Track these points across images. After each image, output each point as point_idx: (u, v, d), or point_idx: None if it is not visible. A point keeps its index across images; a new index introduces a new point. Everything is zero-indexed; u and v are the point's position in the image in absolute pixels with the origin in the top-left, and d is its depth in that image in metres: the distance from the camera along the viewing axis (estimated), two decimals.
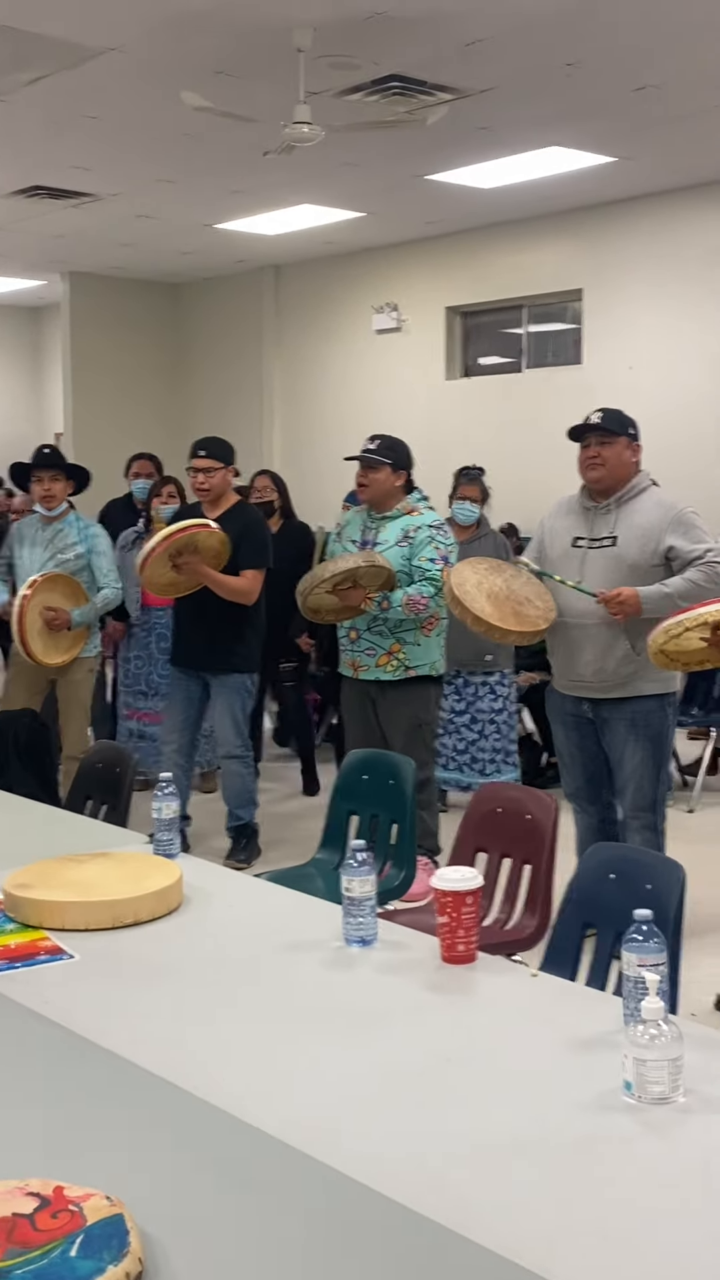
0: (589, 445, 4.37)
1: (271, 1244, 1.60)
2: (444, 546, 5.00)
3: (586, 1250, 1.58)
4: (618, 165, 8.78)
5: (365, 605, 4.93)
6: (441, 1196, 1.69)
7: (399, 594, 4.92)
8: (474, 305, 11.25)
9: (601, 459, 4.34)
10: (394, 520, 5.07)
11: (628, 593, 4.22)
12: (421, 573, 4.95)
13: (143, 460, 7.37)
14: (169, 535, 5.23)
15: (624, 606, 4.21)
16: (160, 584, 5.41)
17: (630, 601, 4.21)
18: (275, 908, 2.96)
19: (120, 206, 9.98)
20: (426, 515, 5.09)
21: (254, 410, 12.76)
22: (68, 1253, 1.48)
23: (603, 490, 4.38)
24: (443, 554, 4.97)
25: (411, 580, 4.96)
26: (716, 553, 4.29)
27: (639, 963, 2.09)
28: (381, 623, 5.00)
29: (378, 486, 5.06)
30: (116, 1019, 2.29)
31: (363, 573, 4.88)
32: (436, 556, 4.95)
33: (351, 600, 4.94)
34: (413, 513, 5.08)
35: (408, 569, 4.97)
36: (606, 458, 4.34)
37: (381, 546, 5.03)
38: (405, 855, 3.88)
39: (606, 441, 4.34)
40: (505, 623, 4.32)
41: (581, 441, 4.40)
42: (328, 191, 9.55)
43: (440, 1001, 2.40)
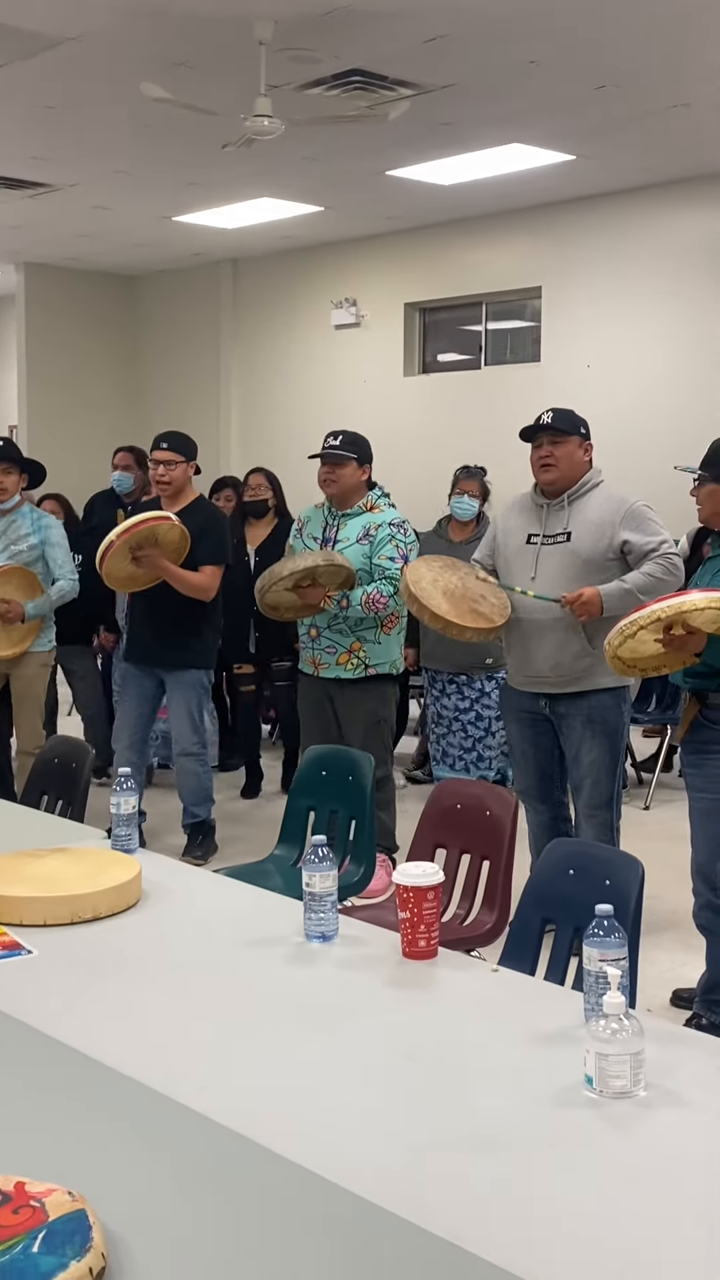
0: (541, 445, 4.39)
1: (234, 1238, 1.59)
2: (404, 545, 5.00)
3: (548, 1243, 1.58)
4: (578, 163, 8.81)
5: (325, 604, 4.92)
6: (403, 1191, 1.69)
7: (358, 593, 4.91)
8: (434, 301, 11.26)
9: (554, 459, 4.36)
10: (355, 517, 5.06)
11: (589, 593, 4.24)
12: (381, 571, 4.94)
13: (123, 453, 7.29)
14: (129, 527, 5.20)
15: (587, 607, 4.23)
16: (119, 577, 5.38)
17: (593, 601, 4.23)
18: (235, 903, 2.95)
19: (77, 197, 9.91)
20: (387, 513, 5.08)
21: (211, 404, 12.72)
22: (30, 1248, 1.47)
23: (555, 489, 4.41)
24: (403, 553, 4.97)
25: (372, 578, 4.95)
26: (670, 544, 4.34)
27: (600, 958, 2.10)
28: (342, 621, 4.99)
29: (344, 482, 5.04)
30: (76, 1014, 2.27)
31: (321, 571, 4.87)
32: (396, 555, 4.95)
33: (311, 598, 4.93)
34: (374, 509, 5.07)
35: (368, 567, 4.97)
36: (559, 457, 4.36)
37: (342, 544, 5.02)
38: (364, 851, 3.88)
39: (558, 441, 4.36)
40: (463, 619, 4.33)
41: (533, 442, 4.41)
42: (287, 185, 9.53)
43: (402, 997, 2.40)
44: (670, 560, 4.28)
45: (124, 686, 5.73)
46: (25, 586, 5.65)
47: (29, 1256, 1.46)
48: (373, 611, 4.91)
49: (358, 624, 4.99)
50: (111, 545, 5.18)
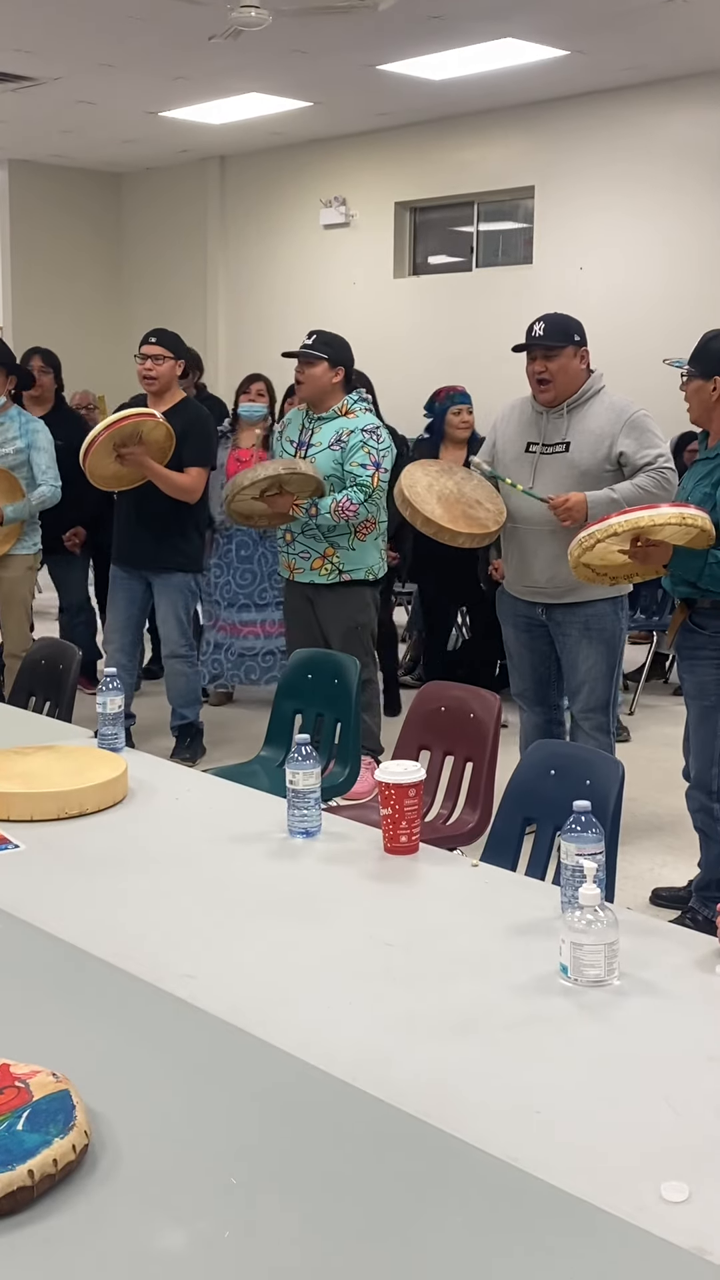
0: (535, 360, 4.31)
1: (215, 1119, 1.64)
2: (376, 451, 4.93)
3: (522, 1124, 1.63)
4: (572, 59, 8.63)
5: (294, 512, 4.90)
6: (381, 1073, 1.73)
7: (327, 500, 4.87)
8: (424, 201, 11.08)
9: (549, 374, 4.27)
10: (329, 421, 4.99)
11: (575, 498, 4.21)
12: (352, 478, 4.89)
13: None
14: (112, 423, 5.15)
15: (571, 512, 4.21)
16: (104, 475, 5.34)
17: (578, 507, 4.21)
18: (220, 801, 2.98)
19: (61, 91, 9.69)
20: (361, 418, 5.01)
21: (198, 304, 12.56)
22: (14, 1126, 1.51)
23: (555, 403, 4.35)
24: (374, 459, 4.91)
25: (344, 484, 4.92)
26: (667, 458, 4.28)
27: (578, 852, 2.13)
28: (315, 527, 4.97)
29: (313, 383, 4.97)
30: (62, 906, 2.31)
31: (287, 479, 4.83)
32: (368, 462, 4.90)
33: (279, 507, 4.90)
34: (349, 415, 5.00)
35: (339, 473, 4.92)
36: (554, 372, 4.27)
37: (315, 448, 4.97)
38: (349, 753, 3.92)
39: (552, 354, 4.28)
40: (455, 524, 4.32)
41: (527, 355, 4.34)
42: (275, 80, 9.33)
43: (382, 890, 2.44)
44: (664, 474, 4.23)
45: (112, 589, 5.73)
46: (6, 490, 5.62)
47: (13, 1134, 1.50)
48: (343, 519, 4.87)
49: (330, 530, 4.97)
50: (95, 440, 5.13)
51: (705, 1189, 1.49)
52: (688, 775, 3.99)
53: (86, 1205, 1.46)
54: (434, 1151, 1.57)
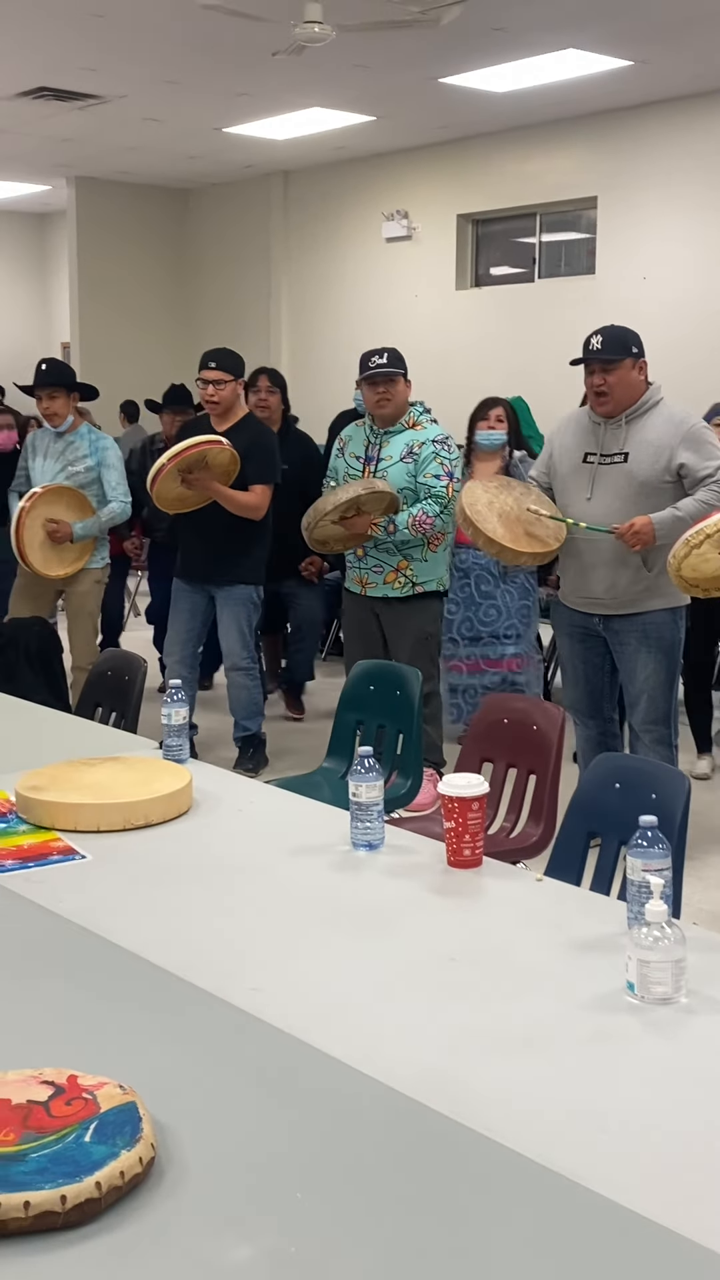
0: (594, 373, 4.30)
1: (279, 1132, 1.64)
2: (449, 462, 4.95)
3: (588, 1141, 1.62)
4: (635, 69, 8.59)
5: (372, 531, 4.91)
6: (445, 1088, 1.73)
7: (404, 516, 4.89)
8: (486, 213, 11.07)
9: (607, 387, 4.26)
10: (398, 435, 5.01)
11: (641, 522, 4.19)
12: (427, 490, 4.91)
13: None
14: (178, 452, 5.22)
15: (639, 537, 4.19)
16: (169, 499, 5.41)
17: (645, 531, 4.18)
18: (283, 813, 2.99)
19: (127, 109, 9.80)
20: (430, 429, 5.03)
21: (262, 318, 12.63)
22: (82, 1138, 1.52)
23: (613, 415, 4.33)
24: (448, 470, 4.93)
25: (417, 497, 4.93)
26: None
27: (644, 867, 2.11)
28: (388, 541, 4.98)
29: (397, 400, 4.99)
30: (128, 917, 2.32)
31: (365, 499, 4.85)
32: (441, 473, 4.91)
33: (357, 528, 4.91)
34: (416, 426, 5.02)
35: (412, 485, 4.93)
36: (612, 385, 4.26)
37: (385, 462, 4.98)
38: (411, 764, 3.91)
39: (610, 367, 4.26)
40: (517, 544, 4.31)
41: (585, 367, 4.33)
42: (338, 94, 9.37)
43: (445, 903, 2.43)
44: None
45: (175, 602, 5.77)
46: (76, 507, 5.69)
47: (81, 1145, 1.51)
48: (420, 533, 4.89)
49: (404, 543, 4.98)
50: (162, 469, 5.21)
51: None
52: None
53: (153, 1218, 1.47)
54: (502, 1169, 1.57)
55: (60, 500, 5.66)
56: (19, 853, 2.62)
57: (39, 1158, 1.49)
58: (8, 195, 13.78)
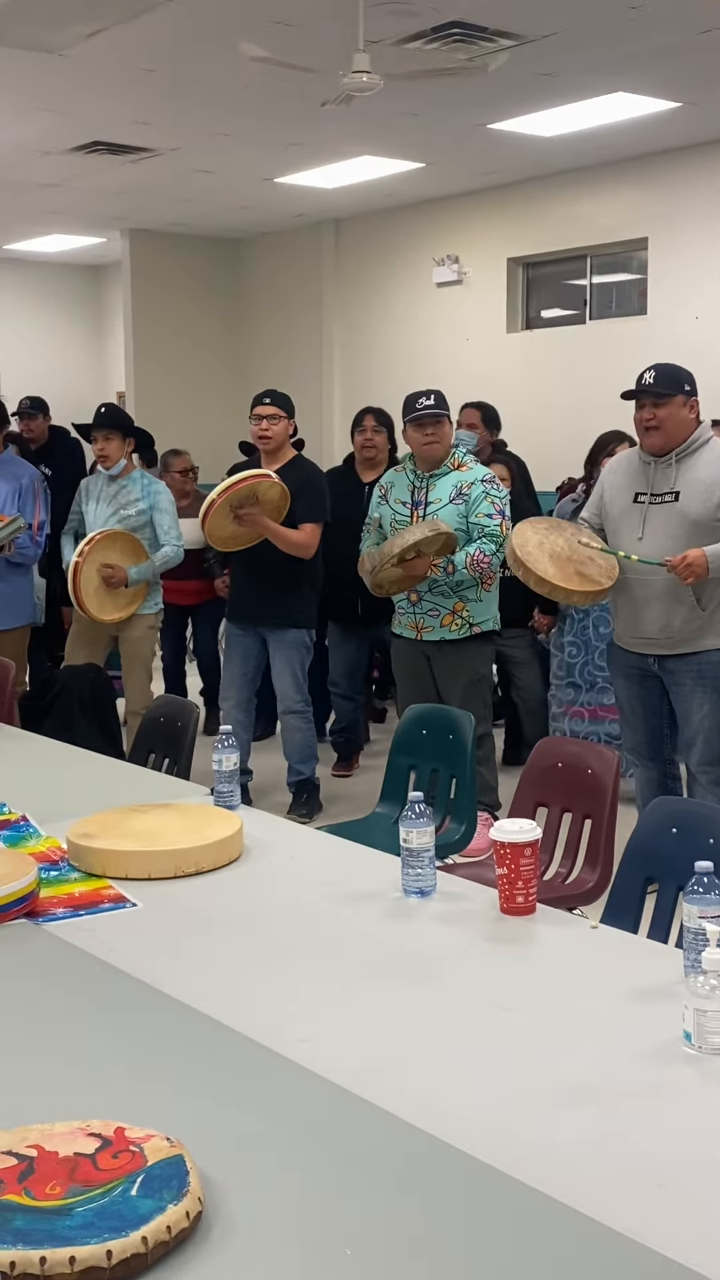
0: (644, 407, 4.28)
1: (330, 1187, 1.61)
2: (499, 500, 4.95)
3: (645, 1196, 1.58)
4: (683, 110, 8.60)
5: (431, 572, 4.90)
6: (499, 1142, 1.70)
7: (461, 555, 4.88)
8: (536, 256, 11.10)
9: (658, 421, 4.25)
10: (444, 477, 5.01)
11: (694, 554, 4.16)
12: (480, 529, 4.90)
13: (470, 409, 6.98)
14: (229, 486, 5.23)
15: (692, 568, 4.15)
16: (222, 536, 5.42)
17: (698, 563, 4.15)
18: (335, 859, 2.97)
19: (179, 161, 9.93)
20: (476, 469, 5.03)
21: (314, 365, 12.71)
22: (129, 1191, 1.50)
23: (662, 451, 4.32)
24: (499, 508, 4.93)
25: (470, 538, 4.92)
26: None
27: (700, 914, 2.08)
28: (443, 583, 4.96)
29: (445, 440, 5.00)
30: (179, 965, 2.31)
31: (427, 541, 4.85)
32: (493, 512, 4.91)
33: (417, 570, 4.90)
34: (462, 468, 5.02)
35: (464, 526, 4.93)
36: (662, 419, 4.25)
37: (434, 505, 4.98)
38: (465, 809, 3.88)
39: (661, 403, 4.25)
40: (569, 583, 4.29)
41: (636, 402, 4.32)
42: (387, 142, 9.44)
43: (499, 951, 2.40)
44: None
45: (229, 646, 5.78)
46: (129, 551, 5.73)
47: (127, 1199, 1.49)
48: (478, 572, 4.88)
49: (459, 585, 4.96)
50: (213, 504, 5.22)
51: None
52: None
53: (200, 1274, 1.44)
54: (555, 1224, 1.53)
55: (115, 545, 5.70)
56: (70, 900, 2.62)
57: (85, 1212, 1.48)
58: (64, 248, 13.98)
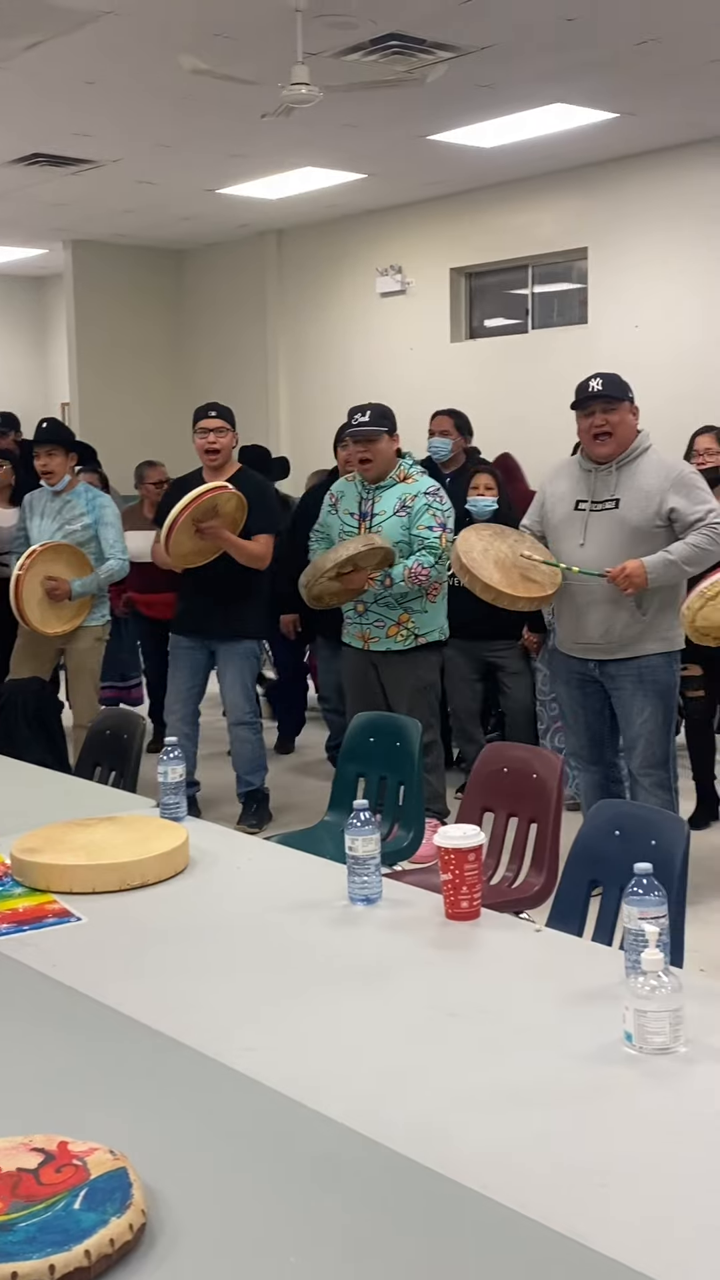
0: (594, 414, 4.33)
1: (274, 1196, 1.62)
2: (440, 513, 4.96)
3: (588, 1198, 1.59)
4: (621, 121, 8.69)
5: (368, 585, 4.92)
6: (443, 1147, 1.71)
7: (399, 569, 4.89)
8: (479, 266, 11.17)
9: (610, 427, 4.30)
10: (389, 489, 5.02)
11: (633, 566, 4.21)
12: (421, 541, 4.92)
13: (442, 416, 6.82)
14: (190, 501, 5.21)
15: (631, 580, 4.21)
16: (183, 553, 5.37)
17: (637, 575, 4.21)
18: (281, 869, 2.97)
19: (121, 173, 9.91)
20: (421, 481, 5.04)
21: (259, 375, 12.71)
22: (71, 1205, 1.50)
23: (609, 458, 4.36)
24: (440, 520, 4.94)
25: (412, 550, 4.93)
26: (717, 514, 4.29)
27: (639, 915, 2.10)
28: (387, 594, 4.98)
29: (381, 457, 5.00)
30: (123, 979, 2.31)
31: (362, 556, 4.86)
32: (434, 524, 4.93)
33: (354, 584, 4.92)
34: (407, 480, 5.03)
35: (407, 538, 4.94)
36: (615, 425, 4.30)
37: (379, 517, 5.00)
38: (413, 816, 3.90)
39: (611, 408, 4.30)
40: (514, 589, 4.32)
41: (584, 409, 4.36)
42: (329, 153, 9.47)
43: (444, 957, 2.41)
44: (716, 530, 4.24)
45: (174, 659, 5.76)
46: (74, 564, 5.71)
47: (70, 1213, 1.49)
48: (416, 584, 4.90)
49: (403, 596, 4.98)
50: (176, 521, 5.19)
51: None
52: None
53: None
54: (496, 1227, 1.54)
55: (59, 558, 5.68)
56: (14, 916, 2.60)
57: (28, 1226, 1.47)
58: (5, 260, 13.92)
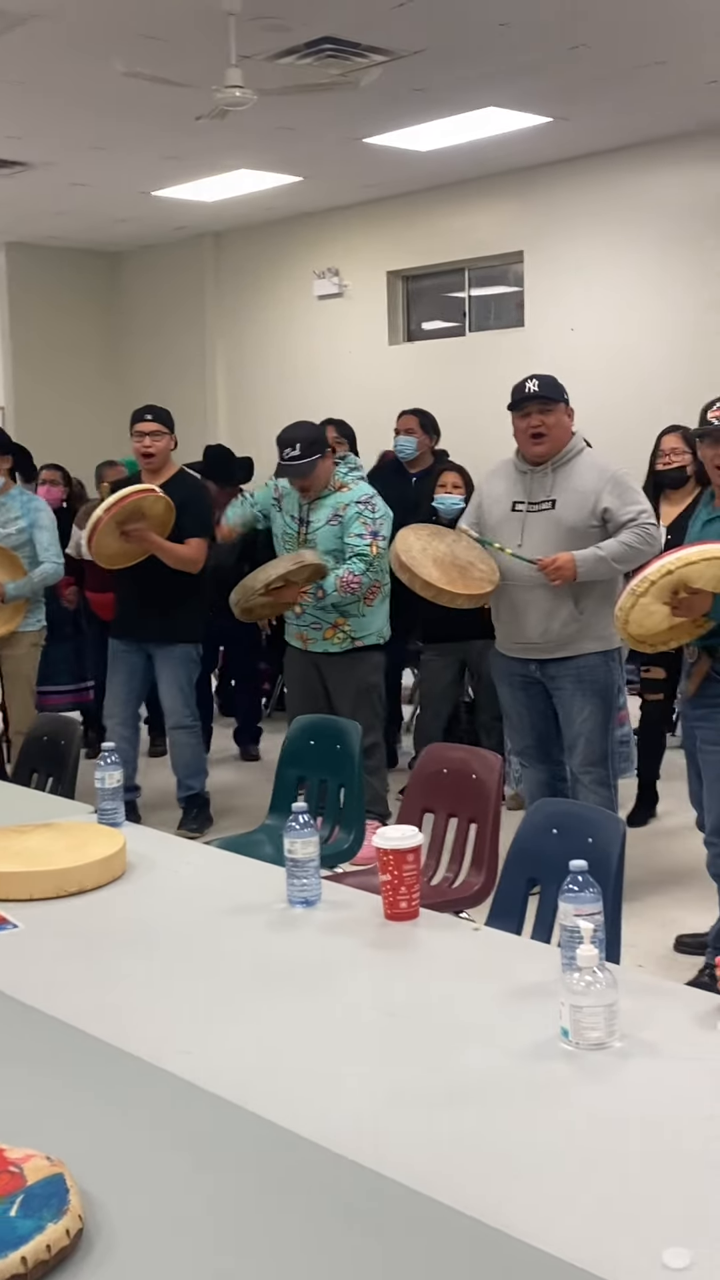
0: (530, 415, 4.36)
1: (212, 1199, 1.62)
2: (372, 520, 4.97)
3: (524, 1194, 1.61)
4: (554, 125, 8.76)
5: (301, 598, 4.92)
6: (379, 1146, 1.71)
7: (330, 579, 4.89)
8: (416, 269, 11.21)
9: (546, 428, 4.33)
10: (325, 499, 5.03)
11: (564, 558, 4.26)
12: (351, 549, 4.93)
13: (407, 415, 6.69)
14: (114, 503, 5.20)
15: (561, 572, 4.25)
16: (108, 554, 5.37)
17: (567, 567, 4.25)
18: (220, 873, 2.97)
19: (54, 175, 9.85)
20: (355, 490, 5.04)
21: (198, 378, 12.68)
22: (7, 1212, 1.49)
23: (544, 458, 4.40)
24: (371, 529, 4.95)
25: (345, 557, 4.94)
26: (649, 514, 4.36)
27: (575, 912, 2.12)
28: (321, 605, 4.98)
29: (318, 481, 5.01)
30: (60, 986, 2.29)
31: (293, 574, 4.87)
32: (364, 532, 4.94)
33: (285, 599, 4.92)
34: (342, 489, 5.04)
35: (341, 546, 4.96)
36: (550, 426, 4.34)
37: (315, 524, 5.02)
38: (354, 818, 3.90)
39: (547, 409, 4.34)
40: (453, 586, 4.34)
41: (520, 410, 4.39)
42: (264, 156, 9.47)
43: (383, 958, 2.42)
44: (648, 530, 4.30)
45: (113, 663, 5.73)
46: (6, 567, 5.66)
47: (6, 1220, 1.48)
48: (349, 593, 4.90)
49: (338, 604, 4.99)
50: (100, 522, 5.18)
51: (707, 1254, 1.46)
52: (702, 826, 3.99)
53: None
54: (433, 1225, 1.55)
55: None
56: None
57: None
58: None
